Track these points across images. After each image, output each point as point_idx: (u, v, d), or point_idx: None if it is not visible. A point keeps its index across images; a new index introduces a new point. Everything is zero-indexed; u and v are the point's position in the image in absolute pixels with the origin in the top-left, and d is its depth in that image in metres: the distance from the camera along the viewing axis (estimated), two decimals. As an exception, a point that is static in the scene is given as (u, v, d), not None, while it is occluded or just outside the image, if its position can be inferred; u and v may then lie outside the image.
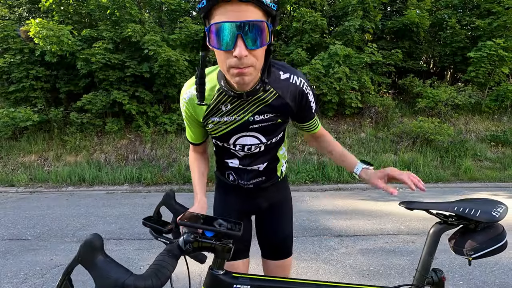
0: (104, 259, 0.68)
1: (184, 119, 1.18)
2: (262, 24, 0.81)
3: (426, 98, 7.28)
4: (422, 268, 1.05)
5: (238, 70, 0.85)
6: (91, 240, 0.68)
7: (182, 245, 0.83)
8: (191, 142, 1.26)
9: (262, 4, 0.79)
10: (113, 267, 0.68)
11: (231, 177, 1.27)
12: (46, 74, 6.87)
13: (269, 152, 1.21)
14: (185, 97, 1.09)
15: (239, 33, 0.79)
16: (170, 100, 7.40)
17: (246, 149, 1.15)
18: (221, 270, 0.92)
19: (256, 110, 1.06)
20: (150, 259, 2.89)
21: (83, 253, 0.68)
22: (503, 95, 7.34)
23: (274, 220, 1.36)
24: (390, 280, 2.54)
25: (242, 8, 0.78)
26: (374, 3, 7.61)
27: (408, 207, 1.06)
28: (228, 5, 0.78)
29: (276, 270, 1.38)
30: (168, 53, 6.20)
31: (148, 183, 5.70)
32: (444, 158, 6.55)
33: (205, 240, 0.86)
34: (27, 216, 4.06)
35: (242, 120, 1.07)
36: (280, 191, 1.36)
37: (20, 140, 6.73)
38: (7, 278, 2.62)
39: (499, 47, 7.07)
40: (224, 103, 1.05)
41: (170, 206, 1.05)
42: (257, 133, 1.11)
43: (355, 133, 7.27)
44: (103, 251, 0.69)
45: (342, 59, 6.84)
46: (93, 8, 7.02)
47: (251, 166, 1.21)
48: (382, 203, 4.51)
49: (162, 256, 0.77)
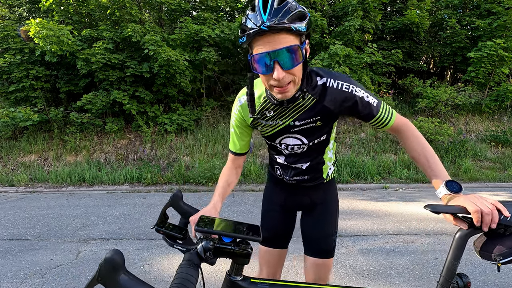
0: (127, 277, 0.63)
1: (232, 126, 1.30)
2: (294, 47, 0.92)
3: (426, 98, 7.28)
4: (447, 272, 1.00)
5: (279, 89, 1.00)
6: (112, 257, 0.63)
7: (202, 253, 0.79)
8: (233, 152, 1.34)
9: (292, 31, 0.91)
10: (138, 286, 0.63)
11: (278, 172, 1.41)
12: (46, 74, 6.87)
13: (312, 153, 1.29)
14: (241, 101, 1.24)
15: (275, 59, 0.93)
16: (170, 100, 7.41)
17: (289, 148, 1.27)
18: (239, 276, 0.89)
19: (297, 116, 1.17)
20: (150, 259, 2.89)
21: (104, 272, 0.62)
22: (503, 95, 7.34)
23: (316, 218, 1.42)
24: (390, 280, 2.54)
25: (275, 38, 0.91)
26: (374, 3, 7.61)
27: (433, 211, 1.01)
28: (264, 37, 0.91)
29: (314, 268, 1.40)
30: (168, 53, 6.20)
31: (148, 183, 5.70)
32: (444, 158, 6.55)
33: (224, 246, 0.82)
34: (27, 216, 4.06)
35: (284, 125, 1.20)
36: (325, 192, 1.42)
37: (20, 140, 6.73)
38: (7, 278, 2.62)
39: (499, 47, 7.08)
40: (268, 110, 1.19)
41: (178, 207, 1.02)
42: (299, 135, 1.22)
43: (355, 133, 7.27)
44: (125, 269, 0.64)
45: (342, 59, 6.83)
46: (93, 8, 7.03)
47: (295, 164, 1.32)
48: (382, 203, 4.51)
49: (184, 268, 0.74)
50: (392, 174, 6.07)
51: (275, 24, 0.88)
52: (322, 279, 1.41)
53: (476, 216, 0.87)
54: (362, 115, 1.16)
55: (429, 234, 3.40)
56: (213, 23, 7.29)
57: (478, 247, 1.00)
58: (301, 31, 0.92)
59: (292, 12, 0.91)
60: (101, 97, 6.58)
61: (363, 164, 6.13)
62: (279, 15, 0.89)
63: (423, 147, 1.10)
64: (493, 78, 7.70)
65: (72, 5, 6.95)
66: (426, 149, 1.10)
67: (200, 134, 6.97)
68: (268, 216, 1.49)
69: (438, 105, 7.28)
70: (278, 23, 0.88)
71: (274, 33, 0.90)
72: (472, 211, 0.88)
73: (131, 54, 7.00)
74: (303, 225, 1.46)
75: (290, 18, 0.90)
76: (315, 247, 1.41)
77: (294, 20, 0.91)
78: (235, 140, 1.31)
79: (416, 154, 1.11)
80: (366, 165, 6.06)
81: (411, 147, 1.13)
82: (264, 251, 1.48)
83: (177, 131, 6.98)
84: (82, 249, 3.12)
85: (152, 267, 2.75)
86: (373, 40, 8.35)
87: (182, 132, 7.06)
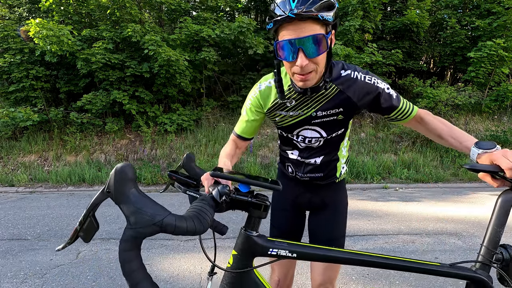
0: (138, 193, 0.58)
1: (246, 109, 1.27)
2: (319, 36, 0.94)
3: (426, 98, 7.28)
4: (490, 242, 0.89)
5: (301, 76, 1.02)
6: (123, 168, 0.57)
7: (217, 197, 0.73)
8: (237, 135, 1.30)
9: (319, 20, 0.92)
10: (148, 202, 0.58)
11: (290, 169, 1.39)
12: (46, 74, 6.88)
13: (328, 147, 1.28)
14: (261, 86, 1.23)
15: (300, 47, 0.94)
16: (170, 100, 7.41)
17: (307, 141, 1.26)
18: (255, 232, 0.82)
19: (319, 106, 1.17)
20: (150, 259, 2.89)
21: (114, 183, 0.57)
22: (503, 95, 7.34)
23: (325, 218, 1.39)
24: (390, 280, 2.54)
25: (302, 26, 0.92)
26: (374, 3, 7.61)
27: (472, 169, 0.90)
28: (291, 24, 0.93)
29: (323, 270, 1.36)
30: (168, 53, 6.20)
31: (148, 183, 5.70)
32: (444, 158, 6.55)
33: (240, 196, 0.77)
34: (27, 216, 4.06)
35: (306, 115, 1.20)
36: (336, 192, 1.40)
37: (20, 140, 6.73)
38: (7, 278, 2.62)
39: (499, 47, 7.07)
40: (290, 99, 1.18)
41: (191, 169, 0.97)
42: (318, 127, 1.22)
43: (355, 133, 7.27)
44: (135, 183, 0.59)
45: (342, 59, 6.84)
46: (93, 8, 7.03)
47: (309, 159, 1.31)
48: (382, 203, 4.52)
49: (199, 202, 0.68)
50: (392, 174, 6.07)
51: (303, 12, 0.89)
52: (330, 282, 1.37)
53: (510, 172, 0.83)
54: (384, 107, 1.16)
55: (429, 234, 3.40)
56: (213, 23, 7.29)
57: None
58: (328, 20, 0.93)
59: (321, 1, 0.91)
60: (101, 97, 6.58)
61: (363, 164, 6.13)
62: (307, 3, 0.90)
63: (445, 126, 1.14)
64: (493, 78, 7.69)
65: (72, 5, 6.95)
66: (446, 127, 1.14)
67: (200, 134, 6.97)
68: (278, 215, 1.47)
69: (438, 105, 7.28)
70: (306, 11, 0.90)
71: (301, 21, 0.91)
72: (506, 167, 0.83)
73: (131, 54, 7.00)
74: (312, 225, 1.43)
75: (319, 7, 0.91)
76: None
77: (322, 9, 0.92)
78: (243, 124, 1.29)
79: (443, 134, 1.13)
80: (366, 165, 6.07)
81: (439, 127, 1.15)
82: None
83: (177, 131, 6.98)
84: (82, 249, 3.12)
85: (152, 267, 2.75)
86: (373, 40, 8.35)
87: (182, 132, 7.06)
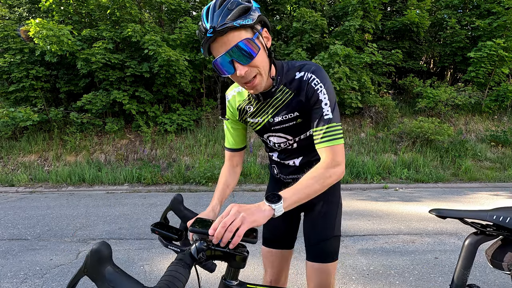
0: (113, 270, 0.62)
1: (225, 122, 1.31)
2: (244, 41, 0.93)
3: (426, 98, 7.28)
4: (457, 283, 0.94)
5: (248, 84, 1.02)
6: (99, 249, 0.62)
7: (195, 253, 0.76)
8: (228, 149, 1.33)
9: (237, 28, 0.92)
10: (123, 279, 0.62)
11: (275, 170, 1.39)
12: (46, 74, 6.88)
13: (304, 148, 1.25)
14: (228, 97, 1.27)
15: (232, 58, 0.95)
16: (170, 100, 7.41)
17: (276, 145, 1.27)
18: (235, 281, 0.85)
19: (276, 111, 1.16)
20: (150, 259, 2.89)
21: (90, 263, 0.61)
22: (503, 95, 7.34)
23: (314, 220, 1.35)
24: (390, 280, 2.54)
25: (225, 39, 0.93)
26: (374, 3, 7.61)
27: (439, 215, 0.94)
28: (216, 42, 0.94)
29: (314, 273, 1.30)
30: (168, 53, 6.20)
31: (148, 183, 5.70)
32: (444, 158, 6.55)
33: (218, 248, 0.79)
34: (27, 216, 4.06)
35: (264, 122, 1.21)
36: (325, 192, 1.25)
37: (20, 140, 6.73)
38: (7, 278, 2.62)
39: (499, 47, 7.08)
40: (248, 105, 1.21)
41: (178, 211, 1.00)
42: (281, 133, 1.22)
43: (355, 133, 7.27)
44: (111, 261, 0.63)
45: (342, 59, 6.84)
46: (93, 8, 7.03)
47: (287, 160, 1.30)
48: (382, 203, 4.52)
49: (174, 266, 0.71)
50: (392, 174, 6.07)
51: (218, 28, 0.91)
52: (323, 286, 1.31)
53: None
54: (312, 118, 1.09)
55: (429, 234, 3.40)
56: (213, 23, 7.29)
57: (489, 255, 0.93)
58: (247, 24, 0.93)
59: (232, 10, 0.92)
60: (101, 97, 6.58)
61: (363, 164, 6.13)
62: (219, 18, 0.91)
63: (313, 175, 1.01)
64: (493, 78, 7.70)
65: (72, 5, 6.95)
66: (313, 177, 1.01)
67: (200, 134, 6.97)
68: None
69: (438, 105, 7.28)
70: (221, 25, 0.91)
71: (223, 35, 0.92)
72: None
73: (131, 54, 7.00)
74: (304, 228, 1.40)
75: (232, 16, 0.92)
76: (313, 250, 1.33)
77: (236, 17, 0.92)
78: (228, 136, 1.32)
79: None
80: (366, 165, 6.06)
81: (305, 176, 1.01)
82: (266, 252, 1.46)
83: (177, 131, 6.98)
84: (82, 249, 3.12)
85: (152, 267, 2.75)
86: (373, 40, 8.36)
87: (182, 132, 7.06)
